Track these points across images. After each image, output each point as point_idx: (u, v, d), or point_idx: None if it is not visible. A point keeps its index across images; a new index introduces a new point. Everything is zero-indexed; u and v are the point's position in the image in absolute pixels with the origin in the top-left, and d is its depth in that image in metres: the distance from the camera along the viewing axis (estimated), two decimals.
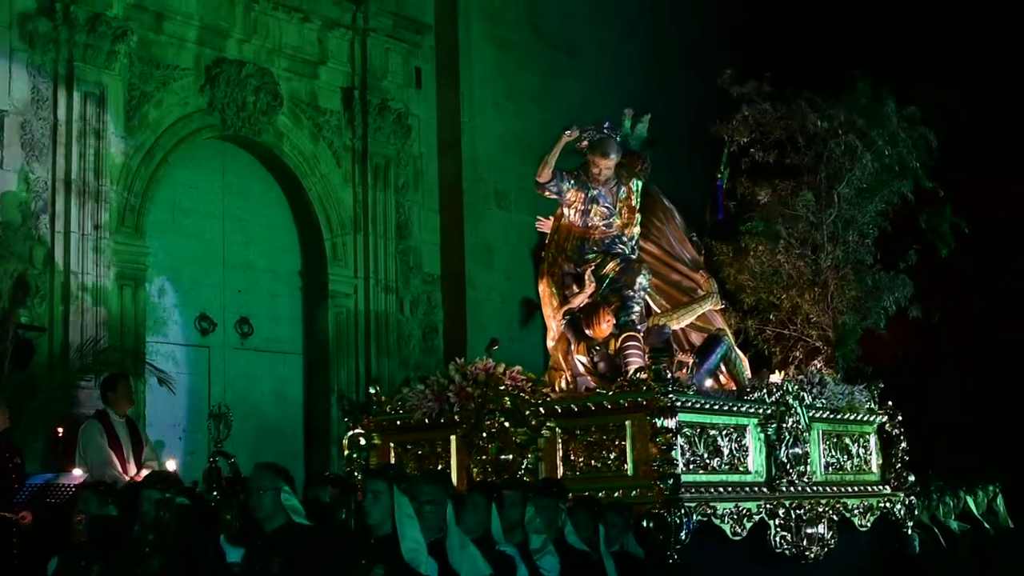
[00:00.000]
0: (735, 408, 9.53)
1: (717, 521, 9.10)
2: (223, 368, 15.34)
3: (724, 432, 9.40)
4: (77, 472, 10.71)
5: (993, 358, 20.15)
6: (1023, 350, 19.63)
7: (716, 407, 9.41)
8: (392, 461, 9.67)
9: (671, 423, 8.78)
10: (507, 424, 9.27)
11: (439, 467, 9.52)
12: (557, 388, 9.84)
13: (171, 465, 10.71)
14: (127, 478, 10.75)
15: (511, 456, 9.22)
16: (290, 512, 6.69)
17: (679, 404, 8.90)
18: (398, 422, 9.70)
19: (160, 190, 14.69)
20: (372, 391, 9.99)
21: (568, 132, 9.91)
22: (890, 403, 10.91)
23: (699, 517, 8.89)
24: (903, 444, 10.89)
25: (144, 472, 9.98)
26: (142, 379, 13.41)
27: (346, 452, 9.78)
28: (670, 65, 19.51)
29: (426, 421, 9.59)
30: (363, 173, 16.29)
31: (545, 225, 10.61)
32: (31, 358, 13.08)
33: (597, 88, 17.90)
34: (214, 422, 9.04)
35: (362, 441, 9.77)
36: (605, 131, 10.24)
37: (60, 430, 12.77)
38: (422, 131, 17.21)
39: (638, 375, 9.03)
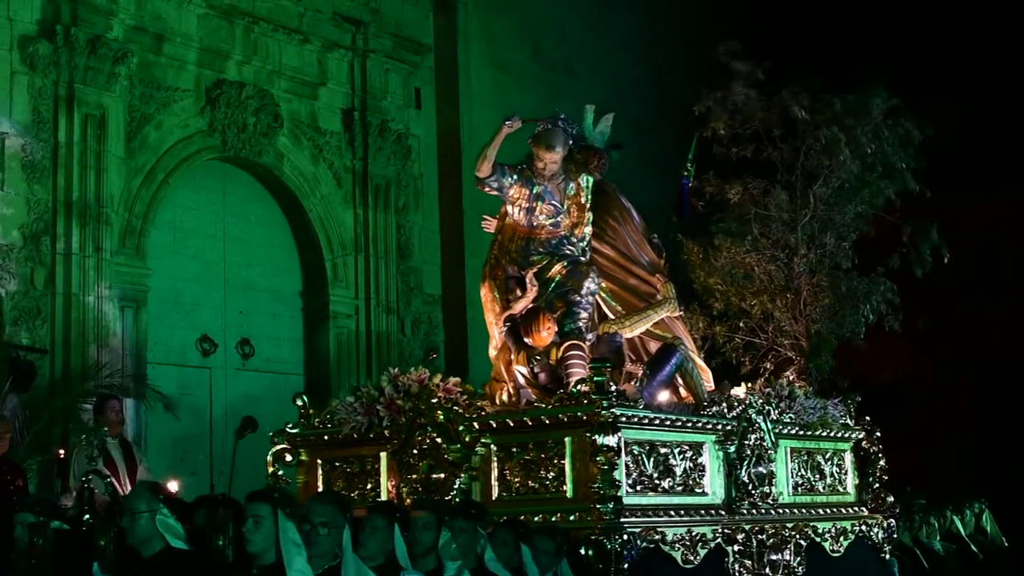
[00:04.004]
0: (689, 424, 7.93)
1: (667, 548, 7.49)
2: (224, 389, 14.56)
3: (678, 450, 7.80)
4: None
5: (993, 376, 18.58)
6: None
7: (667, 423, 7.80)
8: (320, 479, 8.21)
9: (612, 440, 7.20)
10: (439, 440, 7.76)
11: (368, 486, 8.05)
12: (498, 401, 8.29)
13: (172, 486, 9.65)
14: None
15: (443, 475, 7.71)
16: (169, 536, 5.67)
17: (623, 419, 7.34)
18: (326, 437, 8.21)
19: (161, 211, 14.05)
20: (299, 403, 8.50)
21: (508, 123, 8.30)
22: (868, 418, 9.17)
23: (645, 543, 7.30)
24: (881, 462, 9.12)
25: None
26: (145, 401, 12.85)
27: (270, 469, 8.31)
28: (668, 82, 18.25)
29: (355, 436, 8.10)
30: (363, 194, 15.49)
31: (491, 225, 9.10)
32: (33, 380, 12.31)
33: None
34: (87, 437, 7.72)
35: (288, 457, 8.28)
36: (560, 124, 8.70)
37: (61, 452, 12.13)
38: (422, 151, 16.41)
39: (579, 387, 7.48)
